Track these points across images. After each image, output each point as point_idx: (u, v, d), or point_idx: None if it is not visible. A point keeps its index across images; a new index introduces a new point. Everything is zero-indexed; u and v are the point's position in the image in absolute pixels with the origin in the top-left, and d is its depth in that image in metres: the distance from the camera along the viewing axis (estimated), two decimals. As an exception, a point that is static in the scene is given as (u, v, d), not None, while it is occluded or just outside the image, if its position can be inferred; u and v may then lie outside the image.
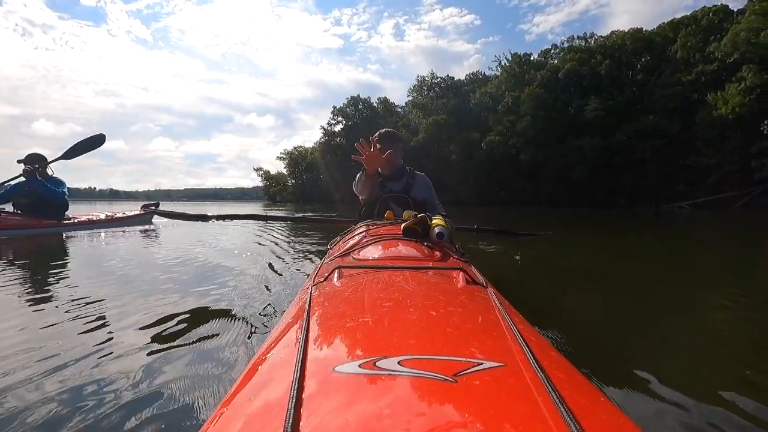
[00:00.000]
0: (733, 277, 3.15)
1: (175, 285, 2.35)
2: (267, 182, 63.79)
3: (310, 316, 0.61)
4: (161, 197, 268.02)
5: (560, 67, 31.86)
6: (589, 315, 1.97)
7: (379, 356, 0.44)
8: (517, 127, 30.92)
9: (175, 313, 1.76)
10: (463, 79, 44.38)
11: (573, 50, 33.47)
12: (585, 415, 0.35)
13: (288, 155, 57.97)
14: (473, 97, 37.44)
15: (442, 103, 39.81)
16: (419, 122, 39.99)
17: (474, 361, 0.43)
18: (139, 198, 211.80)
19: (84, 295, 2.07)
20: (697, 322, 1.92)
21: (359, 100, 50.33)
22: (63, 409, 0.97)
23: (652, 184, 25.71)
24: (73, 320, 1.65)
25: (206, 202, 66.46)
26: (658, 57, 29.31)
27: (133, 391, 1.06)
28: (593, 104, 28.36)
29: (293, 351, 0.48)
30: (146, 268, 3.01)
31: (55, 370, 1.18)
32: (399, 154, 2.27)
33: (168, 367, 1.21)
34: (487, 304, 0.70)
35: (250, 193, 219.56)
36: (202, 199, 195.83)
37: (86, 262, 3.39)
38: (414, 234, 1.31)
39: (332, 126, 52.09)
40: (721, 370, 1.32)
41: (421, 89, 45.61)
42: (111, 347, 1.36)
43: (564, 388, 0.38)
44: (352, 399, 0.37)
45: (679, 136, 25.12)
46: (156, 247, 4.52)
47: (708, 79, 24.82)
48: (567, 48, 35.12)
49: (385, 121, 44.88)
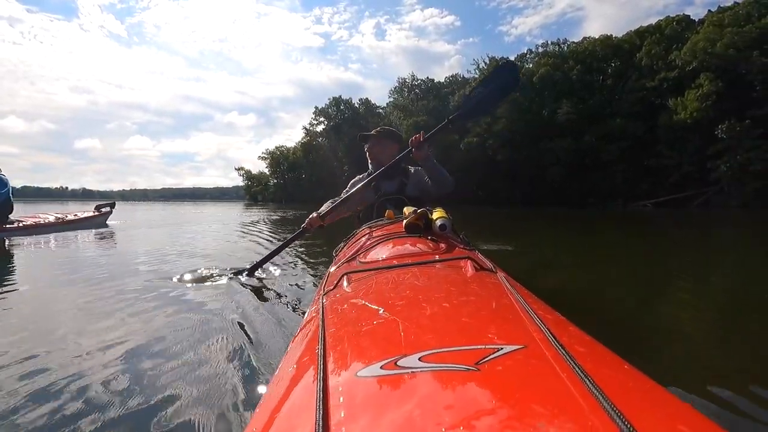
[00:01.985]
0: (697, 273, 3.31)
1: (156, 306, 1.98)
2: (248, 182, 63.35)
3: (325, 325, 0.61)
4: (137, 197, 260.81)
5: (535, 72, 33.16)
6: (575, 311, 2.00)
7: (399, 355, 0.44)
8: (494, 129, 32.01)
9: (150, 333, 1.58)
10: (442, 81, 45.53)
11: (547, 55, 34.92)
12: (611, 384, 0.35)
13: (270, 155, 57.82)
14: (452, 99, 38.40)
15: (423, 105, 40.79)
16: (400, 123, 40.73)
17: (494, 347, 0.42)
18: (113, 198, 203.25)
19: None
20: (659, 318, 1.95)
21: (341, 100, 50.77)
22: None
23: (619, 183, 27.20)
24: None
25: (184, 202, 64.96)
26: (626, 63, 30.96)
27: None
28: (565, 107, 29.75)
29: (313, 362, 0.48)
30: (119, 274, 2.81)
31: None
32: (395, 153, 2.27)
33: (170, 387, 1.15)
34: (498, 289, 0.70)
35: (230, 193, 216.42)
36: (180, 198, 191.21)
37: (28, 274, 3.05)
38: (417, 229, 1.31)
39: (314, 126, 52.43)
40: (688, 364, 1.36)
41: (402, 91, 46.52)
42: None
43: (586, 361, 0.39)
44: (378, 401, 0.36)
45: (643, 138, 26.67)
46: (118, 252, 4.22)
47: (670, 85, 26.44)
48: (542, 53, 36.58)
49: (366, 121, 45.46)
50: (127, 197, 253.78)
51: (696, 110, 23.42)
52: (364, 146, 2.37)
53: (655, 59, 28.63)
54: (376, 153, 2.30)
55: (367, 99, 52.13)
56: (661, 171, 25.74)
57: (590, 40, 34.98)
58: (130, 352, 1.41)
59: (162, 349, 1.43)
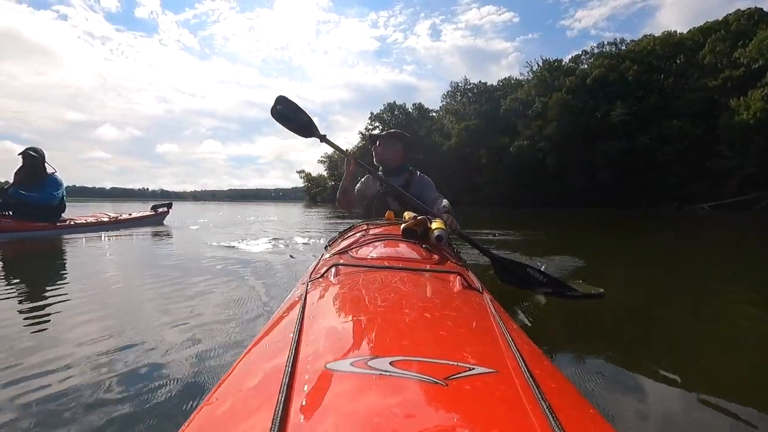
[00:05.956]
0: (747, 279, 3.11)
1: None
2: (308, 183, 67.58)
3: (304, 312, 0.61)
4: (207, 197, 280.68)
5: (589, 73, 33.11)
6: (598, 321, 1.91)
7: (372, 356, 0.44)
8: (545, 132, 32.36)
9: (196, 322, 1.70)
10: (495, 84, 46.26)
11: (603, 56, 34.65)
12: (573, 426, 0.35)
13: (328, 158, 61.49)
14: (504, 103, 39.11)
15: (474, 109, 41.85)
16: (452, 127, 42.05)
17: (466, 366, 0.42)
18: (186, 198, 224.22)
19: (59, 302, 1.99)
20: (704, 328, 1.87)
21: (395, 106, 53.15)
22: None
23: (675, 185, 26.70)
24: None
25: (248, 202, 68.77)
26: (689, 61, 30.05)
27: (107, 393, 1.08)
28: (619, 110, 29.59)
29: (286, 345, 0.48)
30: (170, 269, 2.99)
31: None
32: (399, 153, 2.37)
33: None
34: (482, 310, 0.69)
35: (289, 194, 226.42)
36: (245, 199, 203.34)
37: (71, 268, 3.22)
38: (413, 235, 1.30)
39: (369, 131, 55.16)
40: (722, 375, 1.30)
41: (455, 95, 47.86)
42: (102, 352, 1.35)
43: (554, 397, 0.38)
44: (342, 396, 0.36)
45: (702, 139, 26.02)
46: (168, 250, 4.39)
47: (734, 84, 25.54)
48: (597, 54, 36.26)
49: (419, 125, 47.19)
50: (198, 197, 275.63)
51: (760, 110, 22.64)
52: (371, 147, 2.45)
53: (719, 57, 27.66)
54: (381, 152, 2.37)
55: (421, 104, 53.99)
56: (720, 173, 24.98)
57: (650, 38, 34.18)
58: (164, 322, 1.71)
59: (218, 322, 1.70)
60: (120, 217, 6.41)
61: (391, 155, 2.36)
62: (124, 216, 6.51)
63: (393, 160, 2.36)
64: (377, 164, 2.41)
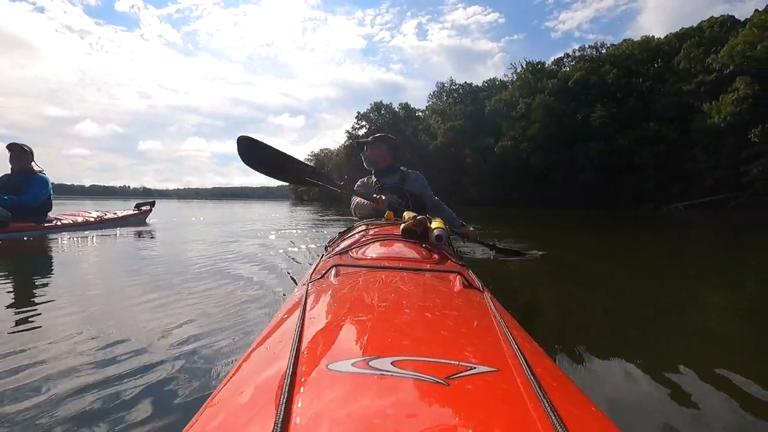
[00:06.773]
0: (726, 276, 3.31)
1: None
2: (294, 182, 67.25)
3: (305, 312, 0.61)
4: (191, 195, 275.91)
5: (571, 76, 33.90)
6: (591, 319, 1.96)
7: (373, 356, 0.44)
8: (528, 133, 32.96)
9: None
10: (480, 85, 46.87)
11: (584, 59, 35.51)
12: (575, 424, 0.35)
13: (315, 157, 61.49)
14: (489, 104, 39.69)
15: (460, 109, 42.32)
16: (438, 127, 42.49)
17: (467, 365, 0.42)
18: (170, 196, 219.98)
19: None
20: (692, 324, 1.92)
21: (382, 105, 53.39)
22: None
23: (652, 186, 27.61)
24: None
25: (233, 200, 67.92)
26: (665, 66, 31.05)
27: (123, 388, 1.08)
28: (599, 112, 30.43)
29: (287, 346, 0.49)
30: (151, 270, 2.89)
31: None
32: (388, 155, 2.55)
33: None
34: (482, 309, 0.70)
35: (275, 193, 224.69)
36: (229, 197, 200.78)
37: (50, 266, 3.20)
38: (413, 235, 1.31)
39: (356, 130, 55.33)
40: (722, 372, 1.29)
41: (441, 95, 48.33)
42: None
43: (555, 396, 0.38)
44: (344, 397, 0.36)
45: (677, 142, 27.01)
46: (154, 250, 4.20)
47: (707, 88, 26.55)
48: (579, 57, 37.15)
49: (405, 125, 47.57)
50: (182, 195, 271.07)
51: (730, 114, 23.64)
52: (360, 153, 2.68)
53: (693, 62, 28.69)
54: (370, 155, 2.60)
55: (407, 104, 54.36)
56: (695, 175, 26.00)
57: (629, 42, 35.18)
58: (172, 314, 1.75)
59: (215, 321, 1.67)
60: (105, 216, 6.33)
61: (381, 158, 2.58)
62: (110, 215, 6.44)
63: (382, 162, 2.58)
64: (368, 167, 2.65)
